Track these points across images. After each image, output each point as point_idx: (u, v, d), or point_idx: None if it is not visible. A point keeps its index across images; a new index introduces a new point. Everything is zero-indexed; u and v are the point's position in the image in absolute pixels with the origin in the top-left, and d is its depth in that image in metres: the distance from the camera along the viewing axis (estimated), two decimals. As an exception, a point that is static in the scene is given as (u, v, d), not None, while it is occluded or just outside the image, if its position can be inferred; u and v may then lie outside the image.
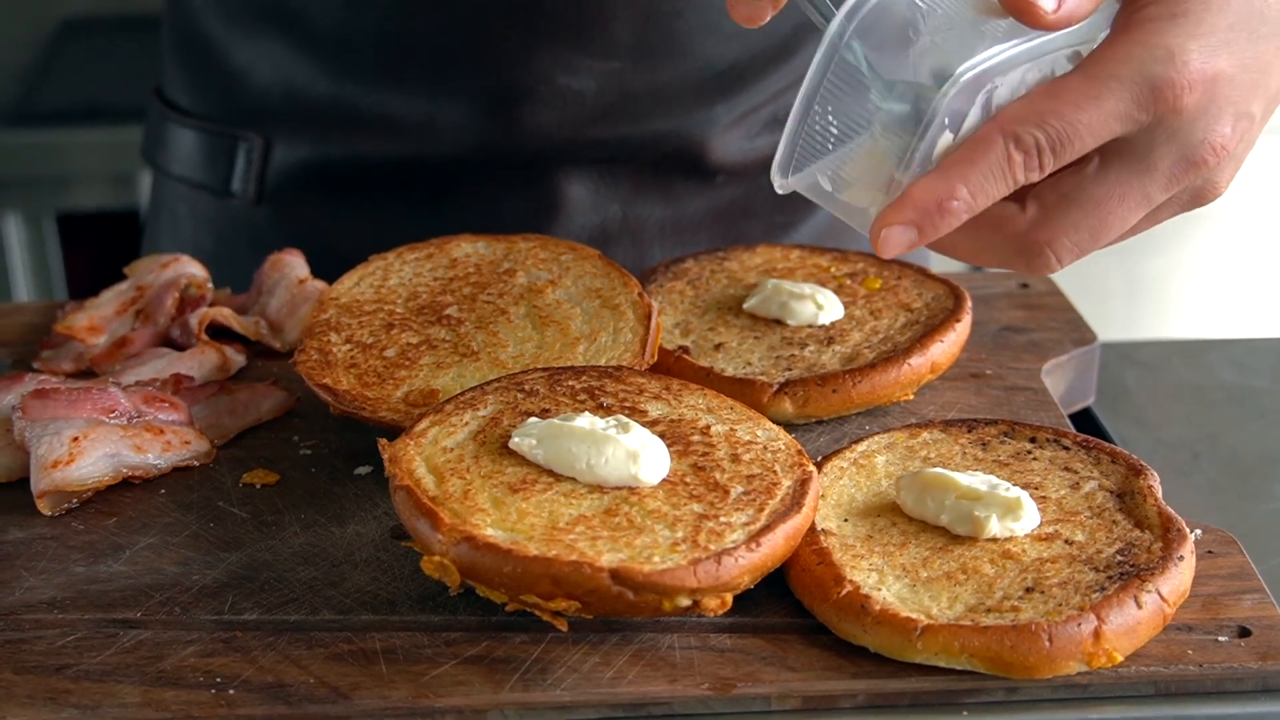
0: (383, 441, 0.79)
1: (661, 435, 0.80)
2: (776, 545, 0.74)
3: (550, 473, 0.77)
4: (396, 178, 1.17)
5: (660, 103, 1.15)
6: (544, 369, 0.86)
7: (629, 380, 0.85)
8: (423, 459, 0.79)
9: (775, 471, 0.78)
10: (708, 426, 0.81)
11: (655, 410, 0.83)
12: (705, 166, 1.19)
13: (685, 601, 0.71)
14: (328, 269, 1.04)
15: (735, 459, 0.79)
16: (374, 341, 0.93)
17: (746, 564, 0.72)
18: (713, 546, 0.73)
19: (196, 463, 0.90)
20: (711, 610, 0.72)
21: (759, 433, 0.81)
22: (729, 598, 0.72)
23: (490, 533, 0.73)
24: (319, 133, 1.17)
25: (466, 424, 0.81)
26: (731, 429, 0.82)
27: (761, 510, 0.75)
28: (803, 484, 0.77)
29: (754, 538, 0.73)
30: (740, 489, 0.77)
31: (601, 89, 1.13)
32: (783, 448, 0.80)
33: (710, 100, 1.16)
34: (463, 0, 1.10)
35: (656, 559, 0.72)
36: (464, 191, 1.17)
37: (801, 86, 0.76)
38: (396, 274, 0.99)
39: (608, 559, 0.71)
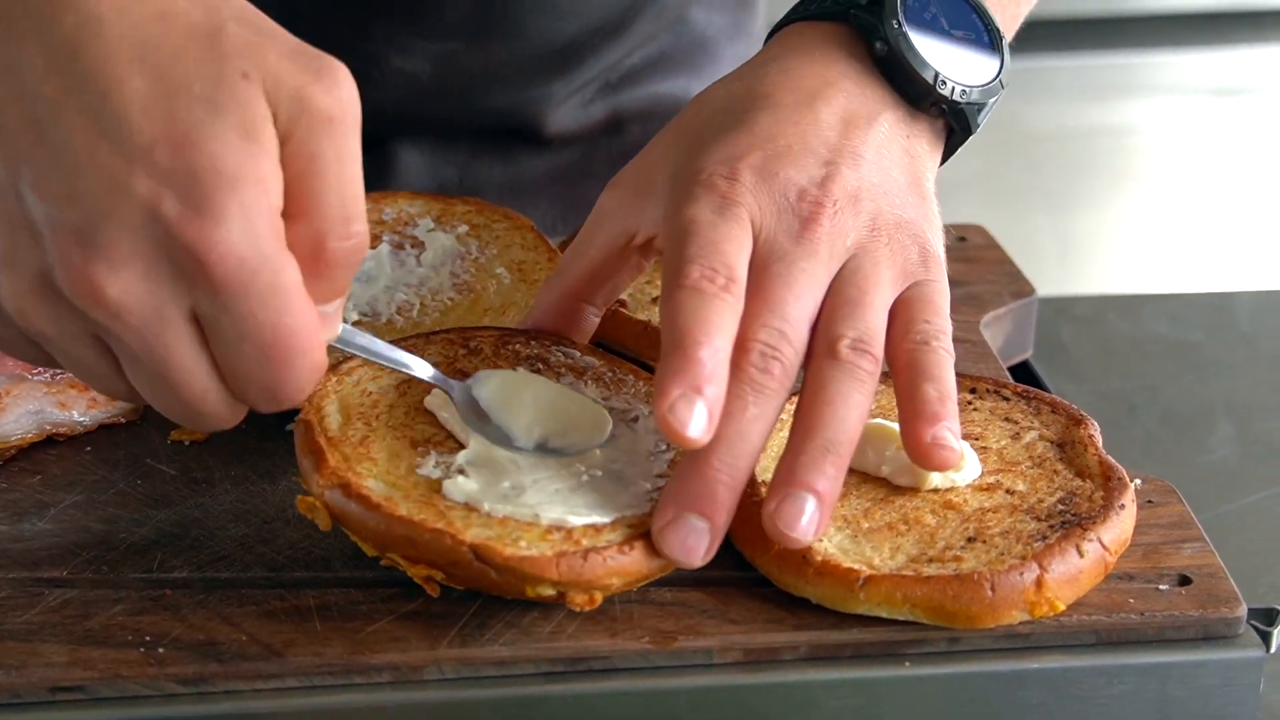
0: None
1: None
2: (651, 555, 0.69)
3: (455, 439, 0.75)
4: None
5: (497, 81, 1.14)
6: (498, 328, 0.83)
7: (579, 356, 0.82)
8: (338, 397, 0.76)
9: None
10: (637, 418, 0.79)
11: (591, 392, 0.79)
12: (542, 136, 1.18)
13: (549, 591, 0.68)
14: None
15: (652, 455, 0.76)
16: None
17: (615, 566, 0.69)
18: (585, 542, 0.69)
19: (123, 420, 0.88)
20: (578, 605, 0.69)
21: None
22: (599, 596, 0.69)
23: (369, 484, 0.71)
24: None
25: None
26: None
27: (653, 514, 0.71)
28: None
29: (629, 540, 0.70)
30: (647, 487, 0.73)
31: (436, 69, 1.12)
32: None
33: (548, 77, 1.15)
34: None
35: (523, 544, 0.68)
36: None
37: None
38: None
39: (473, 534, 0.68)
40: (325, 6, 1.09)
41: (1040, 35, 2.22)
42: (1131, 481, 0.77)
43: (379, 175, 1.16)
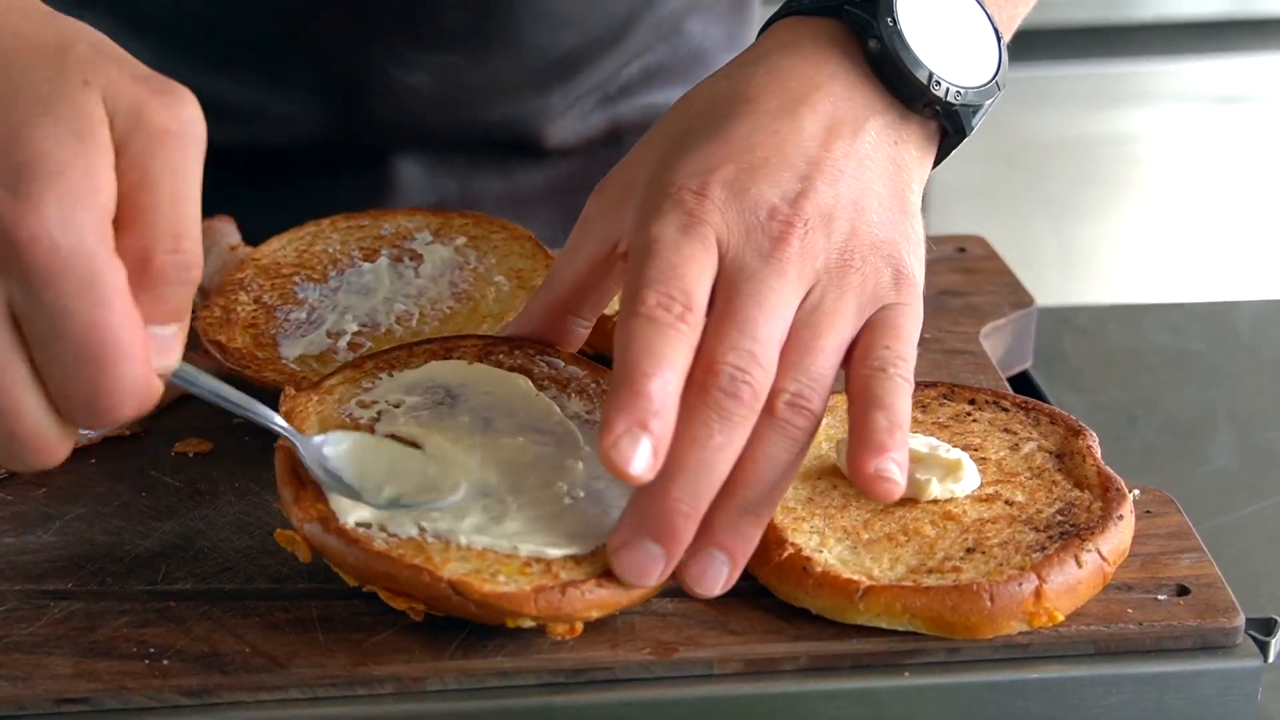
0: (289, 389, 0.77)
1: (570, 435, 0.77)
2: (629, 588, 0.69)
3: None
4: (228, 162, 1.15)
5: (496, 93, 1.15)
6: (481, 336, 0.83)
7: (563, 367, 0.81)
8: (319, 418, 0.76)
9: None
10: None
11: (575, 405, 0.79)
12: (541, 149, 1.19)
13: (529, 623, 0.69)
14: None
15: None
16: (281, 304, 0.92)
17: (593, 599, 0.68)
18: (563, 575, 0.69)
19: (127, 432, 0.88)
20: (559, 635, 0.69)
21: None
22: (579, 626, 0.69)
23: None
24: None
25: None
26: None
27: None
28: None
29: (608, 573, 0.69)
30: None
31: (436, 82, 1.12)
32: None
33: (546, 89, 1.16)
34: None
35: (501, 578, 0.68)
36: (296, 175, 1.16)
37: None
38: (324, 240, 0.98)
39: (451, 569, 0.68)
40: (324, 20, 1.09)
41: (1041, 43, 2.23)
42: (1130, 492, 0.77)
43: (378, 189, 1.17)
